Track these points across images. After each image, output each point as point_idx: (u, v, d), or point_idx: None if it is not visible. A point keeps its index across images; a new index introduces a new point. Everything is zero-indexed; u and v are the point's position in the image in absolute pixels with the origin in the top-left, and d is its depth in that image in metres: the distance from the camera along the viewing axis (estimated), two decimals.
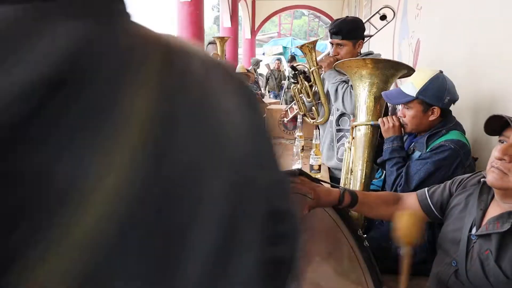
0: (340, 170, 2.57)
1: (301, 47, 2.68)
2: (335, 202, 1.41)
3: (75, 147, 0.23)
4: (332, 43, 2.48)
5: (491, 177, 1.18)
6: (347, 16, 2.51)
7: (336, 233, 1.44)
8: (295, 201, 1.30)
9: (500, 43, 1.80)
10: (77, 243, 0.22)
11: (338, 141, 2.59)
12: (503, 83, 1.77)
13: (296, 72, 2.69)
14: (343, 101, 2.39)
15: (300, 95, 2.78)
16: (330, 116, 2.64)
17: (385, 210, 1.49)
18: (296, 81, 2.72)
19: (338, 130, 2.59)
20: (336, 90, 2.41)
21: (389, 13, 3.09)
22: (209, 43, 3.86)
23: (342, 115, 2.55)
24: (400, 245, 1.31)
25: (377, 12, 3.08)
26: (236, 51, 11.14)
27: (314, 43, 2.66)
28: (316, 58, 2.61)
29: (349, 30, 2.38)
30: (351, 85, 2.33)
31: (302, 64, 2.76)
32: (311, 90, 2.71)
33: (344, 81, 2.41)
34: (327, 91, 2.55)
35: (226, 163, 0.29)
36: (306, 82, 2.70)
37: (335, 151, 2.60)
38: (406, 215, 1.30)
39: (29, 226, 0.22)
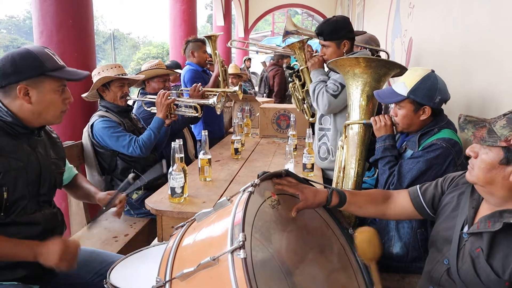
0: (325, 169, 2.59)
1: (290, 46, 2.69)
2: (323, 203, 1.40)
3: None
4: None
5: (466, 173, 1.26)
6: (333, 16, 2.52)
7: (326, 231, 1.44)
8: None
9: (492, 42, 1.81)
10: None
11: (319, 139, 2.60)
12: (494, 81, 1.78)
13: (291, 71, 2.74)
14: (316, 101, 2.42)
15: (295, 93, 2.84)
16: (317, 114, 2.67)
17: (374, 208, 1.49)
18: (292, 80, 2.78)
19: (320, 129, 2.60)
20: (314, 90, 2.44)
21: (383, 55, 3.30)
22: (201, 41, 3.78)
23: (324, 114, 2.56)
24: (364, 261, 1.36)
25: (378, 51, 3.17)
26: (230, 49, 11.10)
27: (303, 42, 2.68)
28: (305, 57, 2.63)
29: (331, 32, 2.40)
30: (327, 85, 2.36)
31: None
32: (303, 88, 2.77)
33: (322, 81, 2.43)
34: None
35: None
36: (297, 81, 2.74)
37: (317, 150, 2.61)
38: (362, 233, 1.34)
39: None
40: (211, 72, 3.66)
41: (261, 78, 8.56)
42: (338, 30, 2.40)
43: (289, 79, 2.88)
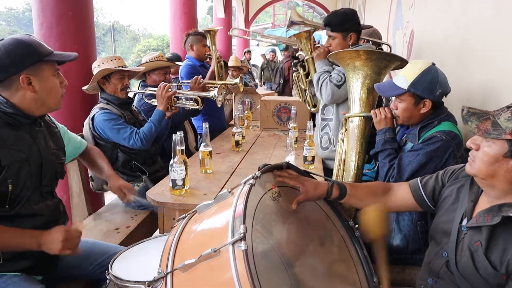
0: (326, 159, 2.62)
1: (297, 36, 2.69)
2: (324, 195, 1.41)
3: None
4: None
5: (466, 165, 1.25)
6: (342, 8, 2.55)
7: (327, 223, 1.44)
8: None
9: (493, 35, 1.80)
10: None
11: (321, 129, 2.64)
12: (496, 74, 1.77)
13: (296, 60, 2.76)
14: (320, 91, 2.45)
15: (298, 83, 2.86)
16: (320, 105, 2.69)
17: (374, 201, 1.50)
18: (296, 69, 2.80)
19: (322, 119, 2.64)
20: (318, 79, 2.46)
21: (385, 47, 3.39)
22: (201, 35, 3.75)
23: (326, 104, 2.59)
24: (369, 239, 1.37)
25: (380, 44, 3.23)
26: (230, 42, 11.06)
27: (310, 32, 2.68)
28: (311, 47, 2.64)
29: (338, 23, 2.43)
30: (331, 76, 2.38)
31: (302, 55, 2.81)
32: (306, 78, 2.78)
33: (327, 71, 2.45)
34: None
35: None
36: (301, 71, 2.76)
37: (319, 140, 2.64)
38: (371, 210, 1.35)
39: None
40: (210, 66, 3.65)
41: (276, 69, 8.96)
42: (345, 22, 2.43)
43: (293, 68, 2.89)
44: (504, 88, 1.68)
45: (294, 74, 2.88)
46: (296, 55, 2.85)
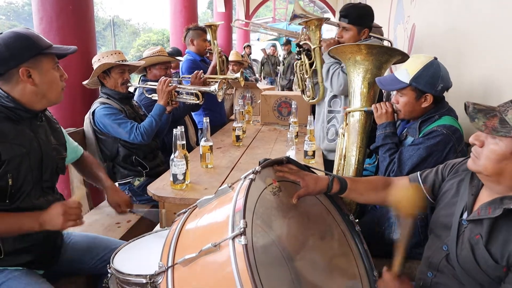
0: (332, 151, 2.62)
1: (308, 23, 2.64)
2: (324, 190, 1.41)
3: None
4: (339, 25, 2.50)
5: (468, 161, 1.23)
6: (359, 3, 2.53)
7: (327, 218, 1.45)
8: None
9: (494, 29, 1.79)
10: None
11: (328, 122, 2.64)
12: (497, 68, 1.77)
13: (300, 49, 2.73)
14: (331, 81, 2.45)
15: (301, 72, 2.83)
16: (326, 97, 2.67)
17: (375, 195, 1.50)
18: (299, 58, 2.78)
19: (329, 111, 2.63)
20: (328, 70, 2.46)
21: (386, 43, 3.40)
22: (202, 29, 3.72)
23: (334, 96, 2.59)
24: (401, 216, 1.30)
25: (382, 40, 3.22)
26: (230, 36, 11.01)
27: (322, 20, 2.62)
28: (320, 37, 2.61)
29: (357, 16, 2.41)
30: (342, 67, 2.37)
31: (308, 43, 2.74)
32: (311, 67, 2.76)
33: (337, 62, 2.44)
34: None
35: None
36: (307, 59, 2.72)
37: (325, 132, 2.64)
38: (406, 188, 1.32)
39: None
40: (210, 61, 3.64)
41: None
42: (364, 16, 2.42)
43: (296, 56, 2.84)
44: (504, 83, 1.68)
45: (298, 62, 2.83)
46: (301, 43, 2.77)
